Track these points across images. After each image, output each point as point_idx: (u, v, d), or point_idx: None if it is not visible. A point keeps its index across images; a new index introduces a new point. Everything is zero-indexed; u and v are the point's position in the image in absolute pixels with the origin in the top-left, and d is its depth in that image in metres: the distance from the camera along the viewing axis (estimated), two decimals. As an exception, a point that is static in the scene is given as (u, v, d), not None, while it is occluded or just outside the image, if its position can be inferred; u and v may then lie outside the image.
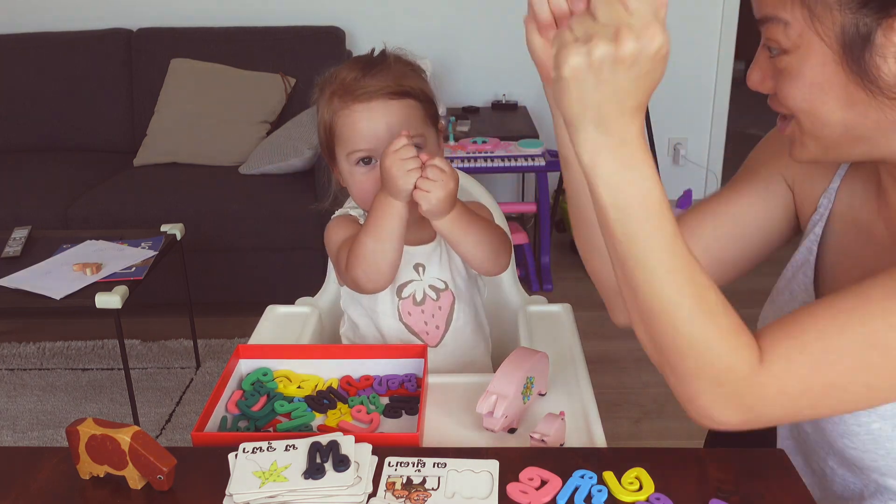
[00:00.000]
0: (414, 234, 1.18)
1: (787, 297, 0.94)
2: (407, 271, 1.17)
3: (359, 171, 1.12)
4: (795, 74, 0.74)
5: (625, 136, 0.68)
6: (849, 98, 0.72)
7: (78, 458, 0.85)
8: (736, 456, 0.86)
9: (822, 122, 0.75)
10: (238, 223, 2.75)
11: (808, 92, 0.74)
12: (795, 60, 0.73)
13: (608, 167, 0.69)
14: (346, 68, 1.11)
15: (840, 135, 0.75)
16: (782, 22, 0.73)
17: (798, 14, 0.72)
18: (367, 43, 3.43)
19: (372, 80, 1.08)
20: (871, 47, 0.70)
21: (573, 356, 1.15)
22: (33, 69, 3.28)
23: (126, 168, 3.12)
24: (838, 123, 0.74)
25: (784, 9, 0.72)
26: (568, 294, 2.99)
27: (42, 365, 2.64)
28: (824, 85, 0.73)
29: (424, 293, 1.18)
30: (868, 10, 0.69)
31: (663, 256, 0.70)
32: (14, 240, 2.29)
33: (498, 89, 3.57)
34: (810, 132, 0.77)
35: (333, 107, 1.10)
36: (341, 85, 1.10)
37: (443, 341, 1.20)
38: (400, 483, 0.84)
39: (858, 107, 0.73)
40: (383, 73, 1.10)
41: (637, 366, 2.54)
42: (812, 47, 0.72)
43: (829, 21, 0.70)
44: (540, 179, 3.00)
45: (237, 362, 1.08)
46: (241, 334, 2.71)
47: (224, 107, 3.13)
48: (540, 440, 0.91)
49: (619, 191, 0.69)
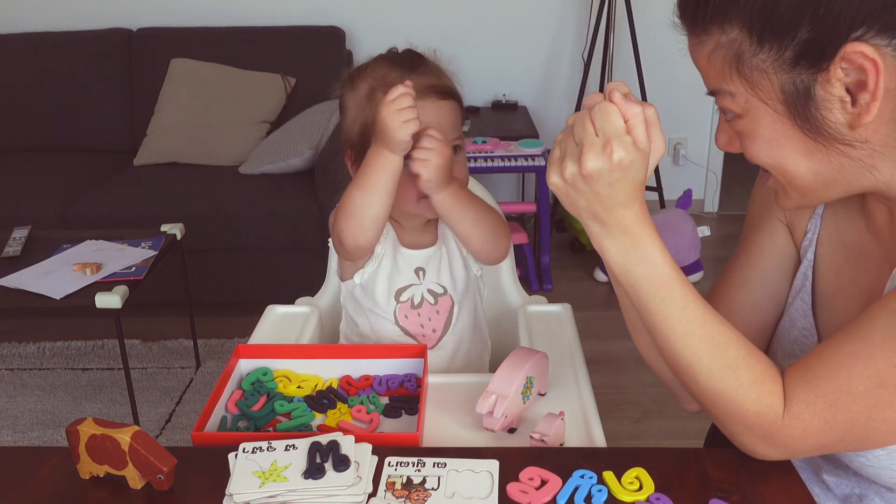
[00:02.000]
0: (415, 239, 1.19)
1: (786, 322, 0.96)
2: (407, 275, 1.17)
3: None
4: (753, 136, 0.77)
5: (620, 225, 0.76)
6: (807, 149, 0.75)
7: (78, 458, 0.85)
8: (736, 456, 0.86)
9: (792, 174, 0.78)
10: (238, 223, 2.75)
11: (769, 149, 0.77)
12: (749, 123, 0.77)
13: (613, 252, 0.78)
14: (384, 65, 1.10)
15: (813, 182, 0.78)
16: (728, 93, 0.76)
17: (739, 85, 0.75)
18: (367, 43, 3.44)
19: (419, 78, 1.07)
20: (813, 102, 0.72)
21: (573, 356, 1.15)
22: (33, 69, 3.29)
23: (126, 168, 3.12)
24: (807, 172, 0.77)
25: (725, 81, 0.76)
26: (568, 294, 3.00)
27: (42, 365, 2.64)
28: (781, 141, 0.76)
29: (422, 297, 1.17)
30: (801, 67, 0.71)
31: (675, 324, 0.78)
32: (14, 240, 2.30)
33: (498, 89, 3.58)
34: (786, 184, 0.80)
35: (377, 102, 1.06)
36: (384, 81, 1.08)
37: (440, 343, 1.20)
38: (400, 483, 0.84)
39: (818, 155, 0.75)
40: (428, 72, 1.10)
41: (637, 366, 2.54)
42: (759, 111, 0.75)
43: (768, 85, 0.73)
44: (540, 179, 3.00)
45: (237, 362, 1.08)
46: (241, 334, 2.71)
47: (224, 107, 3.13)
48: (540, 440, 0.91)
49: (626, 272, 0.78)
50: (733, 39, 0.73)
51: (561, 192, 0.76)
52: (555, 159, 0.77)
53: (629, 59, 3.30)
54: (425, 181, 1.05)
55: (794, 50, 0.71)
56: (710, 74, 0.77)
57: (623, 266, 0.78)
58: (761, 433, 0.79)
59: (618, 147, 0.72)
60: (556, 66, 3.61)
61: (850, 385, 0.75)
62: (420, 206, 1.12)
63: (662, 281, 0.78)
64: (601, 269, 3.12)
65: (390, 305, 1.17)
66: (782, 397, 0.77)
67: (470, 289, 1.22)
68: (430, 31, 3.47)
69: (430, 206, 1.11)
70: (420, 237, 1.19)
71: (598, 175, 0.73)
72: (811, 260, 0.93)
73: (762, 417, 0.77)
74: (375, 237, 1.10)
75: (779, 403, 0.77)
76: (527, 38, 3.56)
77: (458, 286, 1.20)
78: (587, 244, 3.30)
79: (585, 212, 0.77)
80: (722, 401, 0.79)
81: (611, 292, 3.05)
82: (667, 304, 0.78)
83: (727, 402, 0.79)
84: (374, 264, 1.17)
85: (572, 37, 3.56)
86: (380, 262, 1.17)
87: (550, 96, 3.64)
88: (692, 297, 0.78)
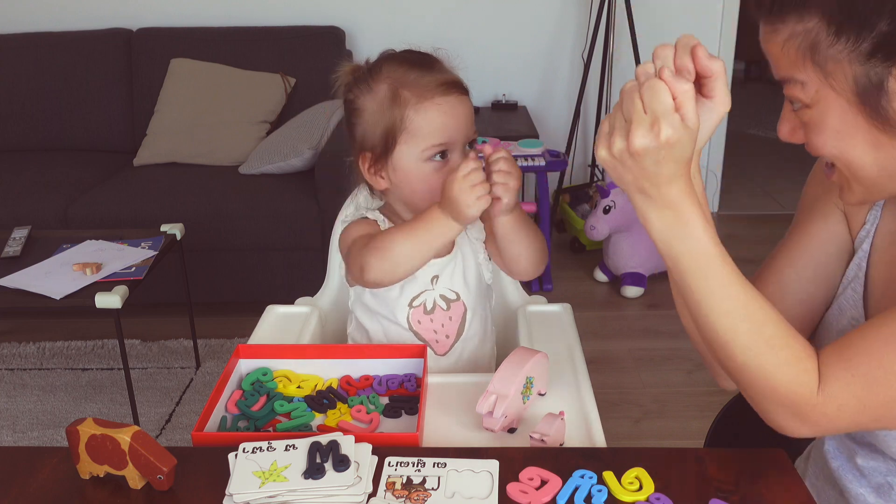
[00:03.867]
0: None
1: (836, 311, 0.96)
2: (423, 282, 1.16)
3: (431, 166, 1.08)
4: (820, 126, 0.78)
5: (666, 200, 0.76)
6: (874, 141, 0.76)
7: (78, 458, 0.85)
8: (736, 456, 0.86)
9: (857, 166, 0.79)
10: (238, 223, 2.75)
11: (836, 140, 0.78)
12: (817, 113, 0.78)
13: (657, 226, 0.78)
14: (398, 65, 1.08)
15: (877, 175, 0.79)
16: (799, 82, 0.77)
17: (812, 74, 0.76)
18: (367, 43, 3.44)
19: (440, 75, 1.08)
20: (885, 94, 0.73)
21: (573, 356, 1.15)
22: (33, 69, 3.28)
23: (126, 168, 3.12)
24: (873, 165, 0.78)
25: (798, 70, 0.77)
26: (568, 294, 3.00)
27: (42, 365, 2.64)
28: (849, 132, 0.77)
29: (435, 302, 1.16)
30: (875, 59, 0.72)
31: (714, 301, 0.79)
32: (14, 240, 2.29)
33: (498, 89, 3.58)
34: (850, 177, 0.81)
35: (403, 102, 1.06)
36: (404, 80, 1.07)
37: (451, 350, 1.19)
38: (400, 483, 0.84)
39: (885, 148, 0.76)
40: (443, 70, 1.09)
41: (637, 366, 2.54)
42: (830, 101, 0.76)
43: (842, 75, 0.74)
44: (540, 179, 3.00)
45: (237, 362, 1.08)
46: (241, 334, 2.71)
47: (224, 107, 3.13)
48: (540, 440, 0.91)
49: (669, 246, 0.79)
50: (810, 29, 0.74)
51: (608, 166, 0.77)
52: (603, 133, 0.77)
53: (629, 59, 3.30)
54: (504, 204, 1.05)
55: (871, 42, 0.72)
56: (782, 63, 0.78)
57: (666, 240, 0.79)
58: (795, 411, 0.79)
59: (665, 126, 0.72)
60: (556, 66, 3.61)
61: (890, 362, 0.75)
62: None
63: (705, 257, 0.78)
64: (601, 269, 3.12)
65: (403, 311, 1.16)
66: (817, 376, 0.78)
67: (481, 295, 1.21)
68: (430, 31, 3.47)
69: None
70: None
71: (644, 152, 0.73)
72: (867, 251, 0.93)
73: (797, 395, 0.78)
74: (401, 280, 1.10)
75: (814, 382, 0.78)
76: (527, 38, 3.56)
77: (472, 293, 1.18)
78: (587, 244, 3.30)
79: (632, 186, 0.77)
80: (757, 378, 0.80)
81: (611, 292, 3.05)
82: (708, 280, 0.78)
83: (763, 379, 0.79)
84: None
85: (572, 37, 3.56)
86: None
87: (550, 96, 3.64)
88: (734, 276, 0.79)
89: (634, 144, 0.73)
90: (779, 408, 0.80)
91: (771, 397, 0.80)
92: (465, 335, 1.19)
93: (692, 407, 2.33)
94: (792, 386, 0.78)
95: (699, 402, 2.34)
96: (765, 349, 0.79)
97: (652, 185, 0.75)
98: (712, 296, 0.79)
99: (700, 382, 2.45)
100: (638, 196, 0.78)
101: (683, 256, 0.78)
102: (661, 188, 0.75)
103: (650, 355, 2.60)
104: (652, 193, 0.76)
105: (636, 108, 0.73)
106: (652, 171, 0.74)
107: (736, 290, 0.79)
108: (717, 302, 0.79)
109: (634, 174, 0.75)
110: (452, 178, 1.01)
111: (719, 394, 1.12)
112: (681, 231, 0.77)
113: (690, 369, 2.52)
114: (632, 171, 0.75)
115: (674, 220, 0.77)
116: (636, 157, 0.73)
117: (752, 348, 0.79)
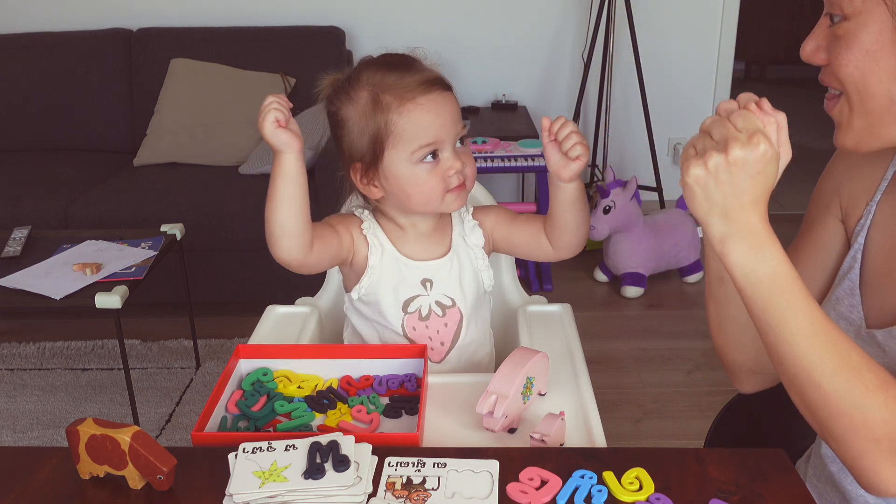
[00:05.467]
0: (421, 246, 1.16)
1: (832, 300, 0.97)
2: (413, 285, 1.15)
3: (423, 168, 1.07)
4: (851, 41, 0.79)
5: (748, 224, 0.77)
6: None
7: (78, 458, 0.85)
8: (736, 456, 0.86)
9: (870, 93, 0.80)
10: (238, 223, 2.75)
11: (861, 60, 0.79)
12: (854, 26, 0.79)
13: (737, 251, 0.77)
14: (376, 70, 1.07)
15: (885, 108, 0.80)
16: None
17: None
18: (367, 43, 3.44)
19: (419, 74, 1.07)
20: None
21: (573, 356, 1.15)
22: (33, 69, 3.28)
23: (126, 168, 3.12)
24: (885, 95, 0.79)
25: None
26: (568, 294, 3.00)
27: (42, 365, 2.64)
28: (878, 53, 0.78)
29: (430, 309, 1.15)
30: None
31: (798, 325, 0.77)
32: (14, 240, 2.29)
33: (498, 89, 3.58)
34: (857, 106, 0.81)
35: (384, 107, 1.04)
36: (383, 85, 1.05)
37: (447, 358, 1.18)
38: (400, 483, 0.84)
39: None
40: (422, 69, 1.08)
41: (637, 366, 2.54)
42: (873, 14, 0.77)
43: None
44: (540, 179, 3.00)
45: (237, 362, 1.08)
46: (241, 334, 2.71)
47: (224, 107, 3.13)
48: (540, 440, 0.91)
49: (750, 271, 0.78)
50: None
51: (700, 183, 0.76)
52: (690, 155, 0.78)
53: (629, 59, 3.29)
54: (584, 164, 1.04)
55: None
56: None
57: (747, 265, 0.77)
58: (889, 446, 0.75)
59: (763, 139, 0.74)
60: (556, 66, 3.61)
61: None
62: (445, 202, 1.09)
63: (784, 282, 0.77)
64: (601, 270, 3.12)
65: (398, 317, 1.15)
66: None
67: (480, 303, 1.20)
68: (430, 32, 3.47)
69: (456, 200, 1.09)
70: (427, 245, 1.16)
71: (742, 163, 0.74)
72: (861, 244, 0.94)
73: (887, 424, 0.75)
74: (293, 248, 1.06)
75: None
76: (527, 38, 3.56)
77: (468, 299, 1.17)
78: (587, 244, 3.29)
79: (719, 207, 0.76)
80: (846, 409, 0.76)
81: (611, 292, 3.05)
82: (792, 305, 0.77)
83: (852, 408, 0.76)
84: (370, 277, 1.14)
85: (572, 37, 3.56)
86: (379, 274, 1.14)
87: (550, 96, 3.64)
88: (814, 301, 0.78)
89: (733, 154, 0.74)
90: (870, 445, 0.76)
91: (863, 431, 0.76)
92: (460, 342, 1.18)
93: (692, 407, 2.33)
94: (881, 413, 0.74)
95: (699, 402, 2.34)
96: (851, 374, 0.76)
97: (739, 206, 0.76)
98: (797, 319, 0.77)
99: (700, 382, 2.45)
100: (719, 221, 0.77)
101: (766, 281, 0.77)
102: (746, 210, 0.76)
103: (650, 355, 2.60)
104: (736, 216, 0.76)
105: (729, 129, 0.75)
106: (743, 188, 0.75)
107: (819, 314, 0.77)
108: (800, 326, 0.77)
109: (725, 192, 0.75)
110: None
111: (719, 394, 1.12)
112: (763, 255, 0.77)
113: (690, 369, 2.52)
114: (723, 189, 0.75)
115: (756, 245, 0.77)
116: (733, 167, 0.74)
117: (840, 373, 0.76)
